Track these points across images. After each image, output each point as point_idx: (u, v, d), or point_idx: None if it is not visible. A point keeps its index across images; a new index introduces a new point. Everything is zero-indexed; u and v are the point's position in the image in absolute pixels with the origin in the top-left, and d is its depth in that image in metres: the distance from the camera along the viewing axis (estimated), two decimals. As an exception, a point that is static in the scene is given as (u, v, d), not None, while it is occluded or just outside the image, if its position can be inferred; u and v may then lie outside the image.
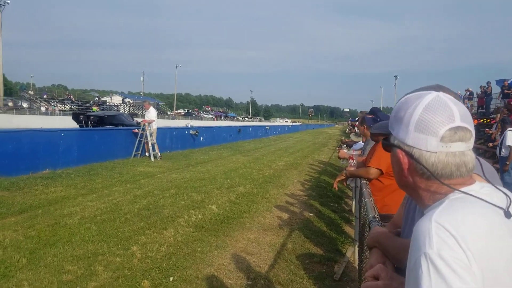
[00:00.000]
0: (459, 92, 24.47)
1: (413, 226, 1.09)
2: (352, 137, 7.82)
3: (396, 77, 78.50)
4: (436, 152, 0.98)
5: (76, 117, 19.22)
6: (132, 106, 67.01)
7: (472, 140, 1.00)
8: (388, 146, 1.10)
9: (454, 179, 0.99)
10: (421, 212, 1.14)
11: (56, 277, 3.83)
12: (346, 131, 38.32)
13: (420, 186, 1.05)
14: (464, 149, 0.98)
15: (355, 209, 6.10)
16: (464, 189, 0.98)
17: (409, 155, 1.02)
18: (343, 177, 4.43)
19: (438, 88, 1.58)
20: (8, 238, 4.80)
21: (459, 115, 0.98)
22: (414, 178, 1.05)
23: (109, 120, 19.01)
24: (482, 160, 1.28)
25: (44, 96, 55.26)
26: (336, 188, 4.83)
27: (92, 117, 18.62)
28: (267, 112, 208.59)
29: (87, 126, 17.16)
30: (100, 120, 18.61)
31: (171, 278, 3.96)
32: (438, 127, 0.97)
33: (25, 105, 50.09)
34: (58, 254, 4.41)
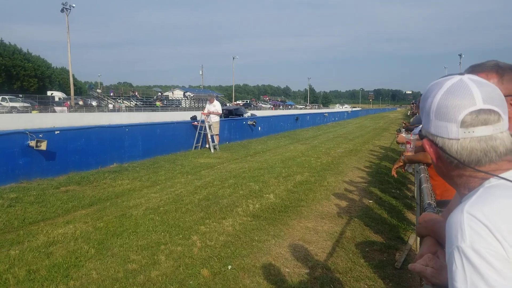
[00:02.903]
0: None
1: None
2: (412, 121, 7.50)
3: (460, 55, 74.45)
4: (459, 139, 0.92)
5: None
6: (193, 99, 68.63)
7: (503, 122, 0.92)
8: (421, 137, 1.07)
9: (484, 165, 0.92)
10: None
11: (122, 266, 4.04)
12: (408, 114, 36.96)
13: (452, 174, 1.00)
14: (490, 132, 0.91)
15: (416, 195, 5.89)
16: (501, 174, 0.91)
17: (435, 144, 0.98)
18: (401, 163, 4.28)
19: (496, 65, 1.48)
20: (79, 230, 5.13)
21: (482, 97, 0.91)
22: (444, 166, 1.01)
23: (234, 112, 23.83)
24: None
25: (111, 94, 57.99)
26: (395, 175, 4.68)
27: (223, 110, 22.37)
28: (326, 99, 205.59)
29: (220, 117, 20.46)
30: (229, 112, 23.21)
31: (229, 267, 4.04)
32: (457, 112, 0.91)
33: (94, 103, 52.86)
34: (124, 244, 4.65)
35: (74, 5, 47.56)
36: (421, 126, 3.96)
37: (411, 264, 1.23)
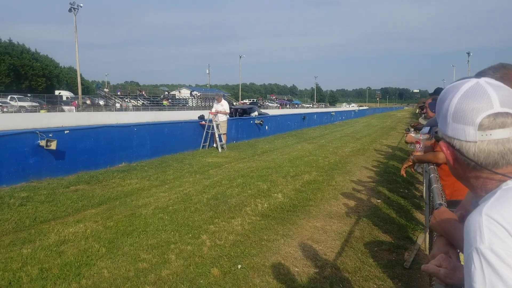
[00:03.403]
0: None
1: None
2: (421, 121, 7.48)
3: (468, 54, 74.10)
4: (476, 142, 0.93)
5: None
6: (200, 98, 68.77)
7: None
8: (437, 139, 1.07)
9: (501, 167, 0.94)
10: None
11: (132, 265, 4.08)
12: (417, 112, 36.81)
13: (469, 176, 1.01)
14: (508, 135, 0.92)
15: (425, 195, 5.88)
16: None
17: (452, 146, 0.99)
18: (410, 163, 4.28)
19: (501, 67, 1.48)
20: (89, 229, 5.19)
21: (499, 101, 0.92)
22: (461, 168, 1.02)
23: (248, 110, 25.10)
24: None
25: (118, 93, 58.21)
26: (404, 175, 4.68)
27: (238, 110, 24.62)
28: (333, 98, 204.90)
29: (235, 116, 21.74)
30: (243, 111, 24.60)
31: (239, 266, 4.07)
32: (474, 115, 0.93)
33: (101, 102, 53.12)
34: (134, 243, 4.69)
35: (81, 4, 47.77)
36: (429, 125, 3.94)
37: (424, 265, 1.24)
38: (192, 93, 76.10)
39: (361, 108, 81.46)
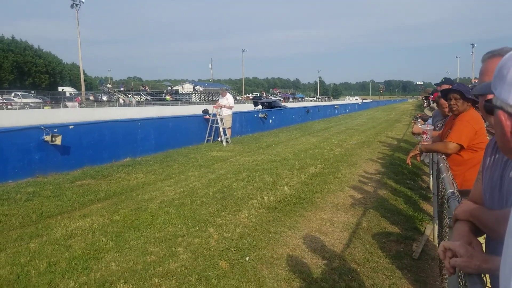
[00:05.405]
0: None
1: (495, 197, 0.99)
2: (426, 112, 7.43)
3: (473, 45, 73.67)
4: None
5: (255, 103, 28.25)
6: (203, 93, 68.70)
7: None
8: (490, 107, 0.97)
9: None
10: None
11: (140, 258, 4.07)
12: (424, 105, 36.59)
13: None
14: None
15: (432, 185, 5.85)
16: None
17: None
18: (417, 152, 4.24)
19: None
20: (96, 223, 5.18)
21: None
22: None
23: (273, 104, 27.53)
24: None
25: (121, 89, 58.21)
26: (410, 164, 4.64)
27: (264, 103, 26.99)
28: (336, 91, 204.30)
29: (262, 108, 24.06)
30: (269, 104, 27.08)
31: (247, 258, 4.06)
32: None
33: (104, 98, 53.17)
34: (141, 236, 4.69)
35: (83, 0, 47.68)
36: (433, 117, 3.90)
37: (444, 261, 1.20)
38: (195, 88, 76.05)
39: (365, 101, 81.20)
